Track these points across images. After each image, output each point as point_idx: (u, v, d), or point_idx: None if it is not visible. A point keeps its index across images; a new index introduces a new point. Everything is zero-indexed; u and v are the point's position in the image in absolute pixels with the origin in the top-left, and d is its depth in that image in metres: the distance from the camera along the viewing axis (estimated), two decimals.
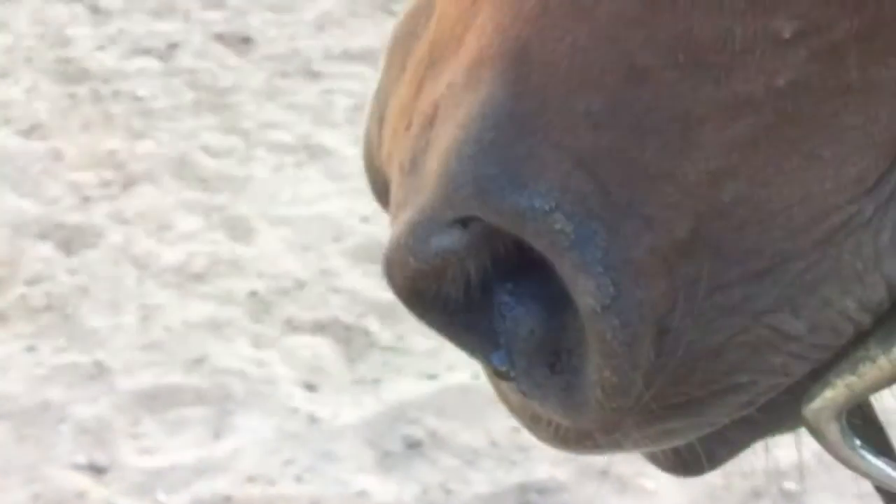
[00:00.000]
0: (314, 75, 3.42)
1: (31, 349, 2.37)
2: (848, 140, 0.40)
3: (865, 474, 0.47)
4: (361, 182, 2.57)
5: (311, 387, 2.31)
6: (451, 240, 0.43)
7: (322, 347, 2.40)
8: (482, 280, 0.44)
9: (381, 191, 0.53)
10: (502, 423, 2.20)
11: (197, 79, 3.35)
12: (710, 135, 0.40)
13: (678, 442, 0.46)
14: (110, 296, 2.51)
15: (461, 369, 2.34)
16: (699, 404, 0.44)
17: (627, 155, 0.40)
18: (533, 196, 0.40)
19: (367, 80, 3.42)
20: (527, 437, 2.05)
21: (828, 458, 0.59)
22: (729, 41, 0.39)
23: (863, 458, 0.46)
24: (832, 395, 0.44)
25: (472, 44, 0.42)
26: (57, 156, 2.99)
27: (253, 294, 2.54)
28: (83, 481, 2.06)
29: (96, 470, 2.08)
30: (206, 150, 3.05)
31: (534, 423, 0.47)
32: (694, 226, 0.41)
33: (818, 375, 0.44)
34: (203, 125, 3.15)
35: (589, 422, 0.44)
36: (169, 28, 3.59)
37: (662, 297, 0.41)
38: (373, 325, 2.46)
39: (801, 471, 1.94)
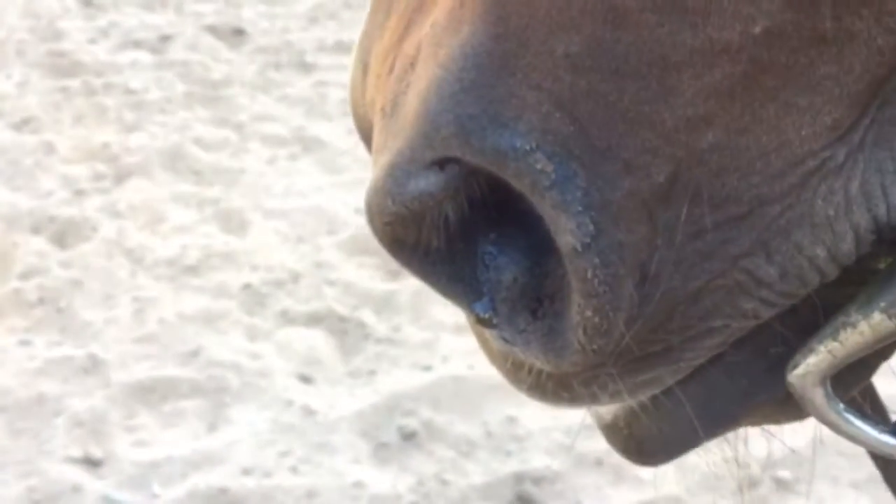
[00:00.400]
0: (307, 67, 3.41)
1: (24, 343, 2.36)
2: (823, 89, 0.41)
3: (851, 438, 0.48)
4: (355, 174, 2.60)
5: (306, 379, 2.31)
6: (427, 182, 0.43)
7: (317, 339, 2.40)
8: (465, 229, 0.44)
9: (367, 138, 0.52)
10: (497, 414, 2.20)
11: (189, 71, 3.34)
12: (688, 81, 0.40)
13: (654, 391, 0.47)
14: (104, 289, 2.50)
15: (456, 360, 2.34)
16: (676, 350, 0.44)
17: (607, 98, 0.40)
18: (514, 136, 0.40)
19: None
20: (522, 427, 2.07)
21: (822, 446, 0.59)
22: None
23: (848, 421, 0.47)
24: (815, 361, 0.45)
25: None
26: (49, 149, 2.97)
27: (247, 286, 2.54)
28: (78, 474, 2.05)
29: (91, 463, 2.08)
30: (199, 142, 3.04)
31: (514, 371, 0.47)
32: (673, 171, 0.41)
33: (802, 343, 0.45)
34: (196, 118, 3.14)
35: (570, 365, 0.44)
36: (161, 21, 3.57)
37: (643, 241, 0.42)
38: (368, 316, 2.46)
39: (795, 459, 1.95)
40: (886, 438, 0.48)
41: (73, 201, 2.78)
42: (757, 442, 0.64)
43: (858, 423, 0.47)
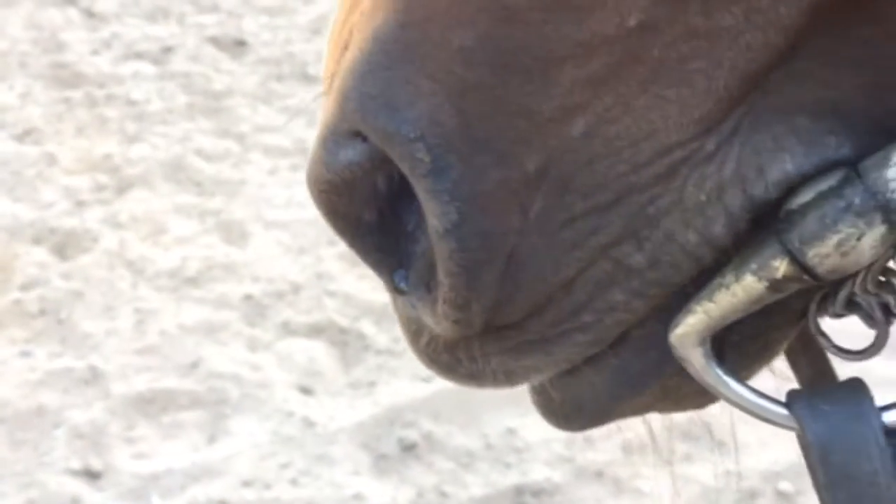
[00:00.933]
0: (309, 79, 3.42)
1: (25, 354, 2.36)
2: (692, 83, 0.43)
3: (732, 402, 0.49)
4: None
5: (306, 390, 2.31)
6: (354, 152, 0.46)
7: (317, 351, 2.40)
8: (393, 202, 0.47)
9: None
10: (497, 426, 2.20)
11: (191, 82, 3.35)
12: (568, 73, 0.43)
13: (539, 377, 0.50)
14: (105, 300, 2.51)
15: None
16: (551, 343, 0.47)
17: (492, 91, 0.43)
18: (402, 122, 0.44)
19: None
20: (522, 439, 2.07)
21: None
22: None
23: (725, 384, 0.48)
24: (693, 321, 0.47)
25: None
26: (51, 160, 2.98)
27: (248, 298, 2.54)
28: (78, 486, 2.05)
29: (91, 475, 2.08)
30: (201, 153, 3.05)
31: (415, 337, 0.51)
32: (544, 160, 0.44)
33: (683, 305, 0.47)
34: (197, 129, 3.15)
35: (444, 332, 0.47)
36: (163, 32, 3.59)
37: (510, 230, 0.44)
38: (368, 328, 2.46)
39: (797, 471, 1.94)
40: (763, 403, 0.48)
41: (75, 212, 2.78)
42: (758, 453, 0.65)
43: (736, 386, 0.48)
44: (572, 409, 0.52)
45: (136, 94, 3.27)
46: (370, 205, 0.47)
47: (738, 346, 0.50)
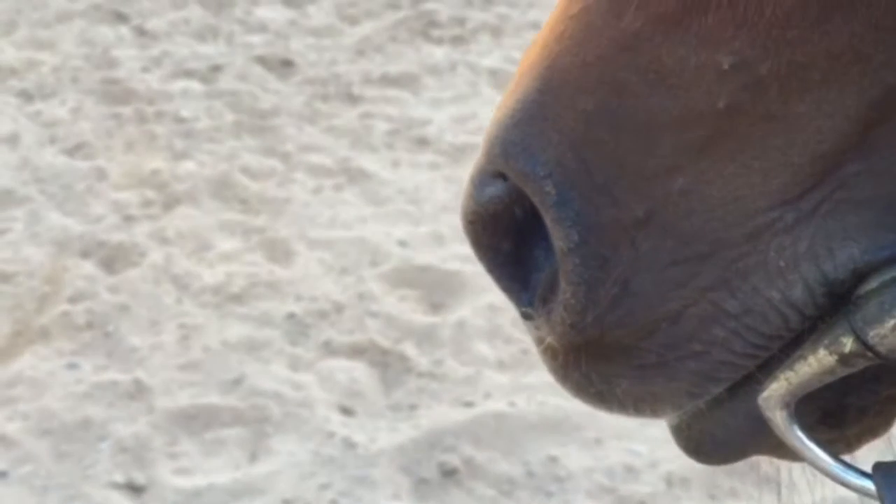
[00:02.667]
0: (354, 99, 3.45)
1: (72, 366, 2.39)
2: (772, 157, 0.52)
3: (811, 463, 0.56)
4: (399, 206, 2.60)
5: (347, 411, 2.31)
6: (496, 189, 0.57)
7: (358, 371, 2.40)
8: (527, 235, 0.57)
9: None
10: (539, 453, 2.18)
11: (238, 101, 3.39)
12: (667, 138, 0.53)
13: (666, 410, 0.57)
14: (150, 315, 2.53)
15: (498, 397, 2.33)
16: (668, 367, 0.55)
17: (606, 146, 0.54)
18: (536, 163, 0.54)
19: (405, 104, 3.44)
20: (564, 467, 2.04)
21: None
22: (686, 67, 0.52)
23: (805, 445, 0.55)
24: (776, 386, 0.54)
25: (532, 50, 0.58)
26: (101, 175, 3.03)
27: (291, 316, 2.55)
28: (121, 500, 2.07)
29: (134, 489, 2.09)
30: (247, 171, 3.08)
31: (548, 356, 0.58)
32: (650, 208, 0.53)
33: (769, 372, 0.55)
34: (244, 147, 3.19)
35: (559, 337, 0.56)
36: (212, 51, 3.64)
37: (624, 259, 0.54)
38: (409, 350, 2.45)
39: None
40: (835, 467, 0.55)
41: (123, 227, 2.82)
42: (804, 492, 0.65)
43: (814, 448, 0.55)
44: (710, 446, 0.59)
45: (185, 112, 3.32)
46: (508, 236, 0.57)
47: (858, 409, 0.57)
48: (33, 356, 2.40)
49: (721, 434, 0.58)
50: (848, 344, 0.51)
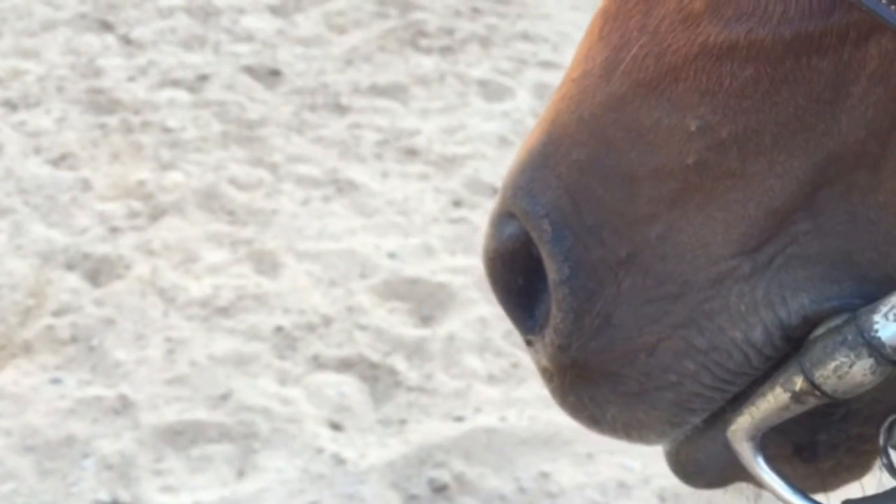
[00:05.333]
0: (342, 109, 3.43)
1: (55, 381, 2.35)
2: (733, 210, 0.58)
3: (772, 491, 0.60)
4: (388, 217, 2.57)
5: (336, 426, 2.28)
6: (511, 228, 0.64)
7: (347, 386, 2.37)
8: (537, 271, 0.63)
9: None
10: (530, 469, 2.16)
11: (225, 111, 3.37)
12: (646, 189, 0.59)
13: (650, 432, 0.63)
14: (136, 328, 2.50)
15: (489, 412, 2.30)
16: (649, 395, 0.61)
17: (596, 192, 0.61)
18: (536, 204, 0.62)
19: (394, 114, 3.42)
20: (555, 483, 2.01)
21: None
22: (660, 127, 0.58)
23: (767, 474, 0.60)
24: (742, 420, 0.60)
25: (547, 105, 0.66)
26: (86, 186, 2.99)
27: (279, 329, 2.52)
28: None
29: None
30: (234, 182, 3.05)
31: (547, 380, 0.65)
32: (631, 250, 0.60)
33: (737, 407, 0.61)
34: (231, 157, 3.16)
35: (550, 358, 0.63)
36: (199, 60, 3.61)
37: (607, 293, 0.60)
38: (399, 363, 2.43)
39: None
40: (793, 497, 0.60)
41: (108, 239, 2.79)
42: None
43: (773, 478, 0.60)
44: (694, 470, 0.65)
45: (171, 122, 3.29)
46: (521, 272, 0.64)
47: (829, 445, 0.63)
48: (16, 371, 2.36)
49: (704, 460, 0.64)
50: (798, 383, 0.57)
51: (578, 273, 0.60)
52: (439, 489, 2.12)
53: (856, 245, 0.57)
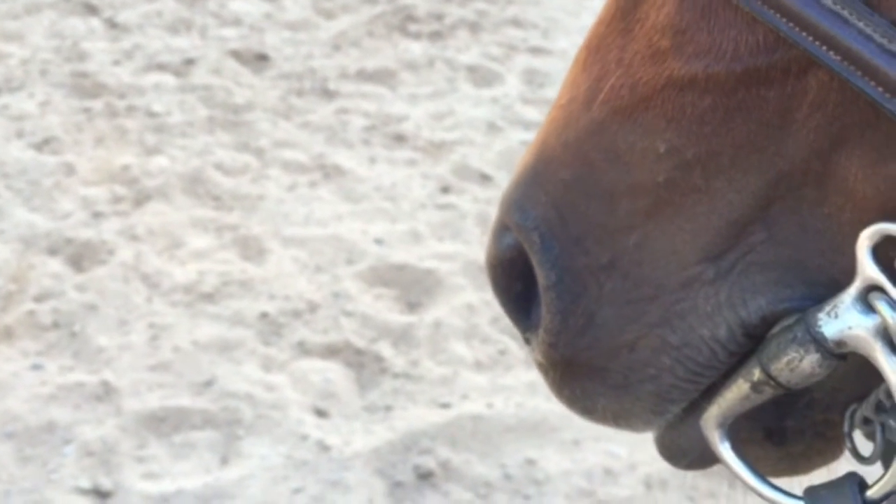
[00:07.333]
0: (329, 94, 3.40)
1: (36, 367, 2.32)
2: (698, 221, 0.65)
3: (738, 477, 0.66)
4: (376, 203, 2.54)
5: (321, 413, 2.26)
6: (509, 239, 0.71)
7: (333, 372, 2.35)
8: (529, 281, 0.70)
9: None
10: (516, 456, 2.14)
11: (212, 95, 3.33)
12: (623, 203, 0.66)
13: (637, 420, 0.69)
14: (119, 314, 2.47)
15: (475, 398, 2.29)
16: (633, 387, 0.67)
17: (580, 207, 0.67)
18: (527, 217, 0.69)
19: (382, 100, 3.39)
20: (541, 470, 2.00)
21: None
22: (634, 149, 0.65)
23: (734, 461, 0.65)
24: (712, 409, 0.66)
25: (540, 129, 0.73)
26: (69, 170, 2.96)
27: (264, 316, 2.50)
28: None
29: (100, 494, 2.03)
30: (220, 167, 3.02)
31: (545, 375, 0.71)
32: (611, 257, 0.66)
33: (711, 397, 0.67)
34: (217, 142, 3.13)
35: (542, 355, 0.69)
36: (185, 44, 3.57)
37: (591, 295, 0.67)
38: (385, 350, 2.41)
39: None
40: (753, 480, 0.65)
41: (91, 224, 2.75)
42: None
43: (736, 462, 0.65)
44: (678, 453, 0.71)
45: (157, 106, 3.25)
46: (517, 279, 0.71)
47: (796, 431, 0.68)
48: None
49: (685, 445, 0.70)
50: (757, 374, 0.64)
51: (565, 278, 0.67)
52: (425, 476, 2.10)
53: (806, 253, 0.63)
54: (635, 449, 2.13)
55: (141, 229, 2.74)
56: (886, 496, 0.62)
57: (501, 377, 2.34)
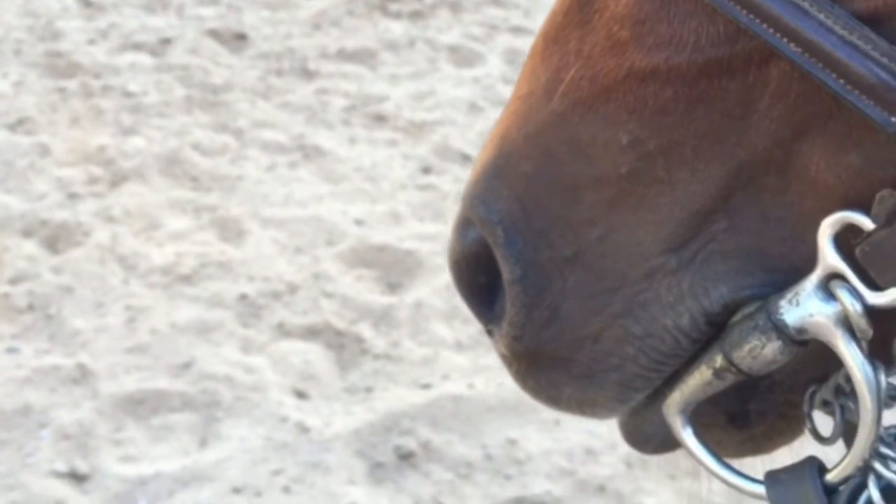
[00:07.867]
0: (309, 74, 3.36)
1: (12, 350, 2.29)
2: (661, 212, 0.64)
3: (698, 461, 0.67)
4: (356, 184, 2.51)
5: (301, 394, 2.24)
6: (472, 233, 0.70)
7: (313, 354, 2.34)
8: (491, 275, 0.70)
9: None
10: (497, 436, 2.14)
11: (189, 75, 3.29)
12: (586, 196, 0.66)
13: (601, 409, 0.70)
14: (95, 296, 2.44)
15: (456, 379, 2.28)
16: (597, 377, 0.68)
17: (542, 200, 0.67)
18: (490, 212, 0.68)
19: (362, 80, 3.36)
20: (522, 450, 2.00)
21: None
22: (596, 141, 0.65)
23: (695, 445, 0.67)
24: (674, 395, 0.67)
25: (498, 120, 0.72)
26: (44, 151, 2.91)
27: (243, 297, 2.48)
28: (63, 489, 1.98)
29: (77, 478, 2.01)
30: (198, 148, 2.98)
31: (509, 366, 0.72)
32: (575, 250, 0.66)
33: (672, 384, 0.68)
34: (195, 122, 3.09)
35: (507, 347, 0.69)
36: (162, 23, 3.52)
37: (555, 288, 0.67)
38: (365, 331, 2.39)
39: None
40: (713, 464, 0.67)
41: (67, 205, 2.72)
42: (762, 470, 0.68)
43: (700, 450, 0.67)
44: (642, 439, 0.72)
45: (133, 86, 3.20)
46: (481, 272, 0.70)
47: (759, 413, 0.69)
48: None
49: (649, 430, 0.71)
50: (719, 361, 0.65)
51: (529, 272, 0.67)
52: (405, 456, 2.09)
53: (767, 241, 0.64)
54: (616, 428, 2.13)
55: (117, 210, 2.71)
56: (844, 480, 0.63)
57: (482, 357, 2.33)
